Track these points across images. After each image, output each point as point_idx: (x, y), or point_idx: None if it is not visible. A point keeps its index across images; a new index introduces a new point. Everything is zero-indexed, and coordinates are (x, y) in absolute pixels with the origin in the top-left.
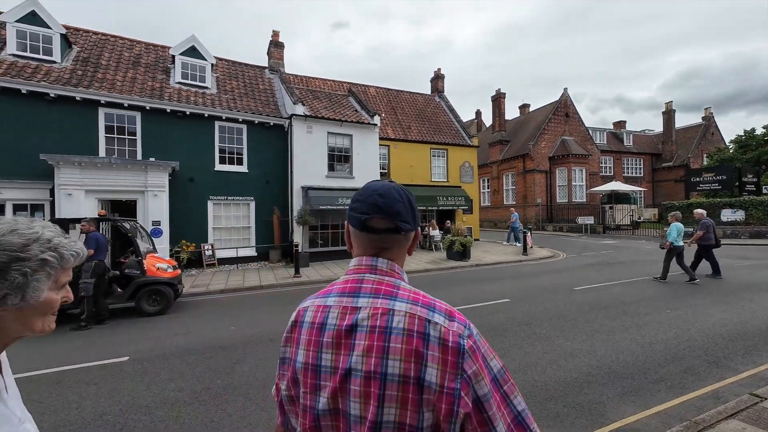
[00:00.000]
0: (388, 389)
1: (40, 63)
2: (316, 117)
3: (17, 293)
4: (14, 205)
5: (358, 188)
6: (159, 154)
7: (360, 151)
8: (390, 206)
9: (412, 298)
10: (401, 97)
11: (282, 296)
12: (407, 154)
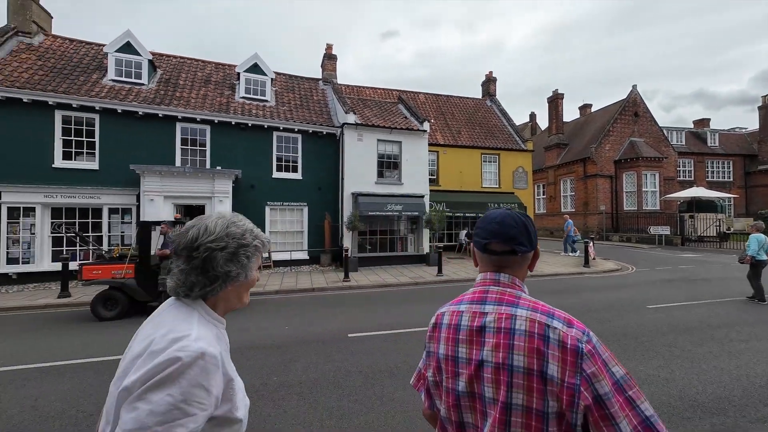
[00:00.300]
0: (515, 378)
1: (132, 85)
2: (366, 125)
3: (243, 272)
4: (109, 209)
5: (406, 194)
6: (224, 163)
7: (409, 157)
8: (505, 232)
9: (532, 306)
10: (451, 102)
11: (331, 299)
12: (457, 160)
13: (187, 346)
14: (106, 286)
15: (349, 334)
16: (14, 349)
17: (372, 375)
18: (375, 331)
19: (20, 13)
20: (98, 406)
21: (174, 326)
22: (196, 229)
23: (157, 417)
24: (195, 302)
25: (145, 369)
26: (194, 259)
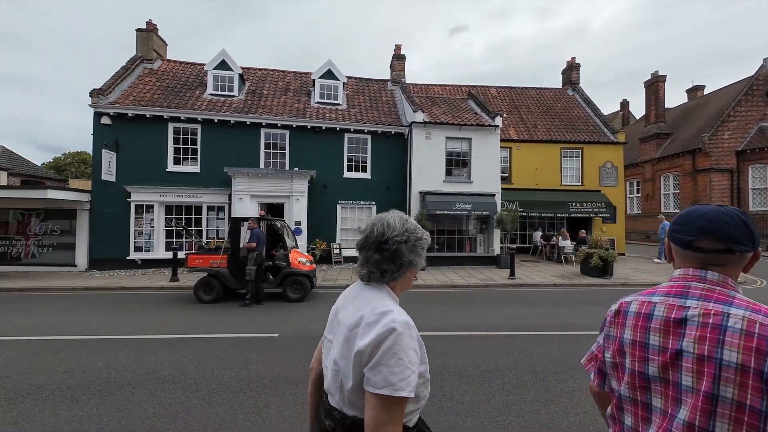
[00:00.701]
0: (723, 372)
1: (225, 98)
2: (434, 123)
3: (420, 261)
4: (207, 206)
5: (476, 193)
6: (301, 165)
7: (479, 154)
8: (719, 230)
9: (752, 308)
10: (526, 94)
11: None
12: (531, 156)
13: (395, 319)
14: (205, 274)
15: None
16: (139, 322)
17: (440, 375)
18: (442, 331)
19: (144, 43)
20: (202, 374)
21: (376, 304)
22: (381, 225)
23: (396, 376)
24: (382, 285)
25: (371, 337)
26: (385, 251)
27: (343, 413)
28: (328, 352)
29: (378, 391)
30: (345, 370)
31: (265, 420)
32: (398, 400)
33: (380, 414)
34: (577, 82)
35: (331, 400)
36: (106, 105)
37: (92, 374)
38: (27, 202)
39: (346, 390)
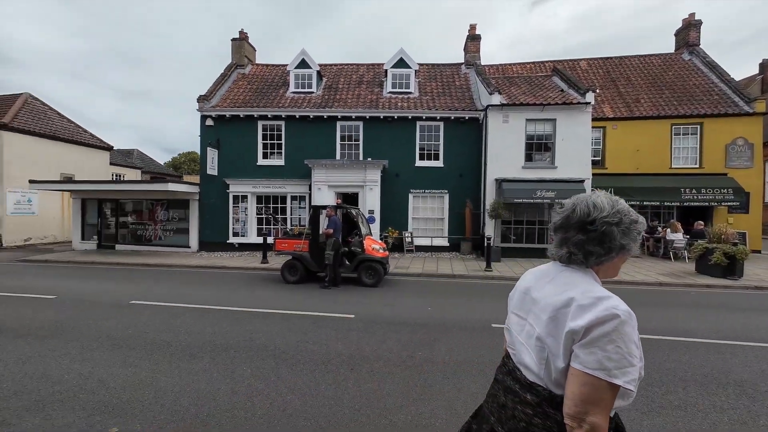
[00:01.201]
0: None
1: (305, 94)
2: (513, 104)
3: (634, 246)
4: (291, 196)
5: (561, 179)
6: (374, 154)
7: (565, 136)
8: None
9: None
10: (626, 64)
11: (472, 288)
12: (631, 135)
13: (617, 305)
14: (290, 257)
15: (492, 324)
16: (237, 296)
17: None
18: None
19: (237, 51)
20: (288, 345)
21: (586, 287)
22: (584, 205)
23: (612, 362)
24: (586, 269)
25: (588, 318)
26: (591, 233)
27: (550, 391)
28: (521, 328)
29: (590, 372)
30: (554, 349)
31: (344, 392)
32: (611, 386)
33: (589, 393)
34: (697, 43)
35: (528, 375)
36: (209, 109)
37: (204, 337)
38: (154, 194)
39: (556, 369)
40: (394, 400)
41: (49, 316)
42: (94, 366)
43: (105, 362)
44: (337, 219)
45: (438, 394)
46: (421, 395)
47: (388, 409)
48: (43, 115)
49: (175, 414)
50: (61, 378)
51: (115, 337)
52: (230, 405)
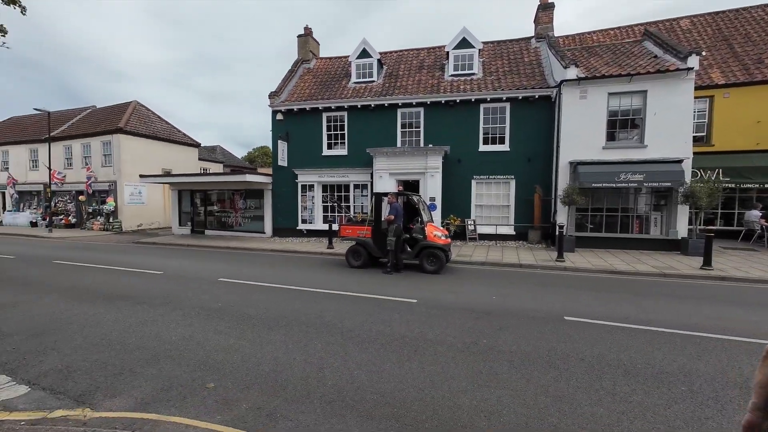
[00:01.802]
0: None
1: (366, 84)
2: (592, 78)
3: None
4: (353, 184)
5: (652, 159)
6: (435, 140)
7: (659, 109)
8: None
9: None
10: (743, 17)
11: (541, 278)
12: (750, 104)
13: None
14: (354, 243)
15: (565, 317)
16: (307, 278)
17: (598, 366)
18: (600, 320)
19: (303, 46)
20: (355, 324)
21: None
22: None
23: None
24: None
25: None
26: None
27: None
28: None
29: None
30: None
31: (408, 372)
32: None
33: None
34: None
35: None
36: (279, 104)
37: (279, 312)
38: (234, 185)
39: None
40: (458, 383)
41: (158, 288)
42: (194, 331)
43: (201, 328)
44: (399, 206)
45: (504, 383)
46: (486, 382)
47: (453, 391)
48: (147, 118)
49: (258, 377)
50: (169, 339)
51: (208, 308)
52: (304, 374)
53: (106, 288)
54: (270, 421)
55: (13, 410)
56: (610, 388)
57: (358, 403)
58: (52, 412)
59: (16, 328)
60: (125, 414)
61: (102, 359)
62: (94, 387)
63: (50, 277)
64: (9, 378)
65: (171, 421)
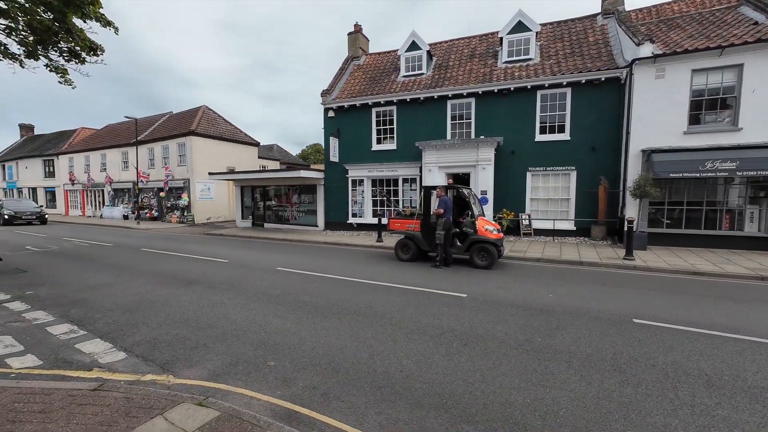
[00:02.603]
0: None
1: (416, 77)
2: (672, 54)
3: None
4: (402, 178)
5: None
6: (487, 132)
7: (760, 85)
8: None
9: None
10: None
11: (606, 277)
12: None
13: None
14: (403, 236)
15: (634, 319)
16: (357, 269)
17: (674, 375)
18: (677, 324)
19: (353, 44)
20: (403, 316)
21: None
22: None
23: None
24: None
25: None
26: None
27: None
28: None
29: None
30: None
31: (457, 366)
32: None
33: None
34: None
35: None
36: (330, 101)
37: (331, 301)
38: (290, 181)
39: None
40: (510, 380)
41: (225, 275)
42: (256, 314)
43: (262, 312)
44: (448, 199)
45: (561, 383)
46: (541, 381)
47: (504, 388)
48: (214, 121)
49: (313, 359)
50: (235, 319)
51: (268, 294)
52: (355, 360)
53: (183, 273)
54: (324, 400)
55: (115, 371)
56: (687, 399)
57: (407, 390)
58: (144, 375)
59: (114, 304)
60: (200, 382)
61: (181, 334)
62: (175, 357)
63: (139, 263)
64: (111, 345)
65: (238, 392)
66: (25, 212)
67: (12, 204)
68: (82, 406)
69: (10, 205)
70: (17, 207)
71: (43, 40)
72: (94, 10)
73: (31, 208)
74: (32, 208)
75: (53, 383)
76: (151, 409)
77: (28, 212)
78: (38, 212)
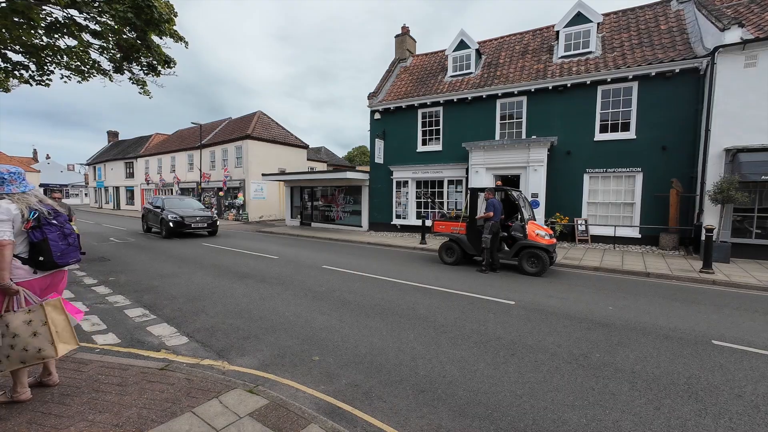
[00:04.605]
0: None
1: (464, 76)
2: (764, 38)
3: None
4: (447, 180)
5: None
6: (539, 131)
7: None
8: None
9: None
10: None
11: (679, 291)
12: None
13: None
14: (447, 239)
15: (713, 341)
16: (401, 270)
17: (765, 408)
18: (764, 349)
19: (400, 46)
20: (447, 320)
21: None
22: None
23: None
24: None
25: None
26: None
27: None
28: None
29: None
30: None
31: (504, 375)
32: None
33: None
34: None
35: None
36: (376, 104)
37: (375, 301)
38: (336, 182)
39: None
40: (563, 397)
41: (275, 271)
42: (302, 309)
43: (308, 308)
44: (496, 202)
45: (624, 405)
46: (599, 400)
47: (556, 404)
48: (268, 125)
49: (356, 357)
50: (283, 313)
51: (314, 291)
52: (397, 361)
53: (238, 267)
54: (366, 398)
55: (178, 354)
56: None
57: (450, 397)
58: (203, 360)
59: (179, 292)
60: (251, 371)
61: (235, 324)
62: (229, 345)
63: (200, 256)
64: (176, 329)
65: (285, 383)
66: (194, 218)
67: (175, 205)
68: (152, 383)
69: (174, 207)
70: (183, 209)
71: (128, 56)
72: (169, 28)
73: (200, 212)
74: (200, 212)
75: (129, 360)
76: (209, 392)
77: (197, 217)
78: (209, 218)
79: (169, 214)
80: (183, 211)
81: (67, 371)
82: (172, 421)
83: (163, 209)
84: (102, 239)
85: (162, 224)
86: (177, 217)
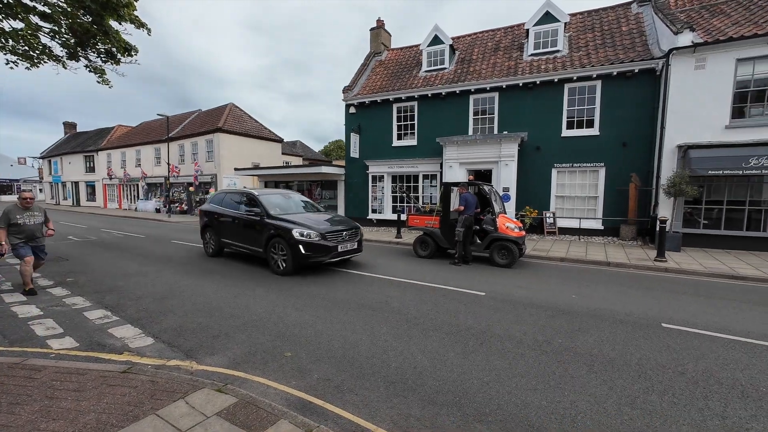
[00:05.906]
0: None
1: (438, 72)
2: (714, 42)
3: None
4: (422, 175)
5: None
6: (510, 127)
7: None
8: None
9: None
10: None
11: (635, 279)
12: None
13: None
14: (422, 233)
15: (663, 324)
16: (377, 265)
17: (704, 383)
18: (711, 331)
19: (375, 39)
20: (421, 313)
21: None
22: None
23: None
24: None
25: None
26: None
27: None
28: None
29: None
30: None
31: (472, 364)
32: None
33: None
34: None
35: None
36: (351, 98)
37: (348, 295)
38: (312, 176)
39: None
40: (527, 381)
41: (249, 267)
42: (275, 306)
43: (281, 304)
44: (469, 196)
45: (580, 387)
46: (558, 383)
47: (520, 389)
48: (240, 118)
49: (329, 352)
50: (255, 310)
51: (289, 288)
52: (370, 354)
53: (208, 265)
54: (338, 392)
55: (143, 356)
56: (719, 410)
57: (420, 387)
58: (169, 361)
59: (145, 292)
60: (221, 370)
61: (204, 323)
62: (198, 345)
63: (169, 254)
64: (141, 330)
65: (256, 381)
66: (339, 233)
67: (275, 203)
68: (112, 386)
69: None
70: (298, 214)
71: (83, 42)
72: (128, 13)
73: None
74: (336, 220)
75: (87, 364)
76: (174, 393)
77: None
78: (355, 230)
79: (294, 228)
80: (308, 220)
81: (17, 379)
82: (134, 425)
83: (268, 214)
84: (59, 238)
85: (276, 248)
86: (312, 234)
